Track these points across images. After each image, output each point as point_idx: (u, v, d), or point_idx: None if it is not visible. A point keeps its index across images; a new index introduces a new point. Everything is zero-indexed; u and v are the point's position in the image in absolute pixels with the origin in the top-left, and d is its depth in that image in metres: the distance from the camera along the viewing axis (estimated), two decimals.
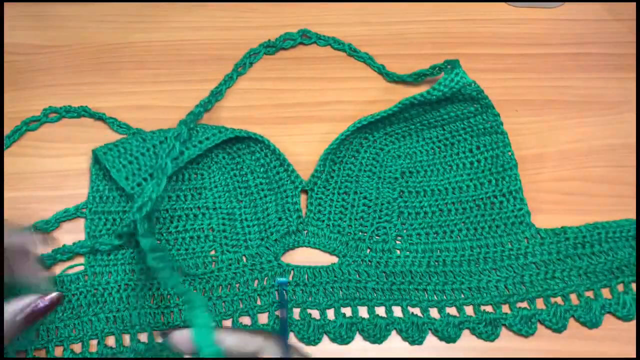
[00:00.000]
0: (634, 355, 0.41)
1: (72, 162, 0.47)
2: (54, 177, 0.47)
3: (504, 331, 0.41)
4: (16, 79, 0.51)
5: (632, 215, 0.46)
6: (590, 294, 0.42)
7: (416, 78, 0.51)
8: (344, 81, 0.52)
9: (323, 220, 0.45)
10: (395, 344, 0.41)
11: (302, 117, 0.50)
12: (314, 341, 0.41)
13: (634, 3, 0.56)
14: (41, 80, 0.51)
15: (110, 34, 0.55)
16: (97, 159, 0.45)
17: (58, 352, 0.40)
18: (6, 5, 0.55)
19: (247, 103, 0.51)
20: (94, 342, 0.41)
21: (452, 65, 0.47)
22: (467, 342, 0.41)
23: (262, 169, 0.46)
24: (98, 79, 0.52)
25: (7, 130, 0.49)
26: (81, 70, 0.52)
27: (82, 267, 0.43)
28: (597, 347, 0.41)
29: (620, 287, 0.42)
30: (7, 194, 0.46)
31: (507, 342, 0.41)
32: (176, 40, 0.55)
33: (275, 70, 0.53)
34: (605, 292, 0.42)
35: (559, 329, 0.41)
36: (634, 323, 0.42)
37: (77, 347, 0.41)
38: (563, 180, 0.48)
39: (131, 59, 0.53)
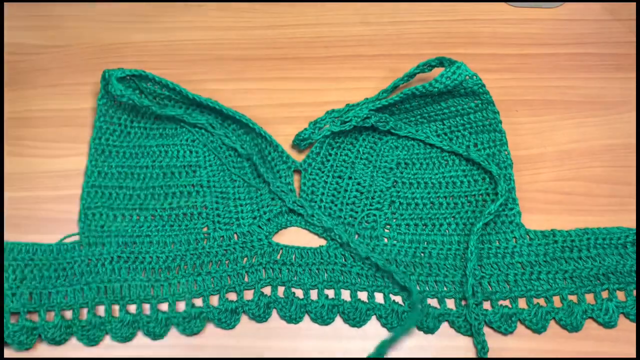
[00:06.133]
0: (634, 355, 0.41)
1: (72, 162, 0.48)
2: (54, 177, 0.47)
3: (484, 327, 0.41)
4: (16, 79, 0.52)
5: (632, 216, 0.46)
6: (573, 298, 0.42)
7: (408, 78, 0.50)
8: (344, 81, 0.53)
9: (315, 202, 0.45)
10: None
11: (302, 117, 0.50)
12: (295, 319, 0.42)
13: (634, 3, 0.56)
14: (41, 80, 0.52)
15: (110, 34, 0.55)
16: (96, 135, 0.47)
17: (49, 317, 0.41)
18: (6, 5, 0.55)
19: (247, 103, 0.51)
20: (84, 310, 0.42)
21: (443, 62, 0.47)
22: (445, 335, 0.41)
23: (256, 149, 0.47)
24: (98, 79, 0.52)
25: (7, 131, 0.49)
26: (81, 70, 0.52)
27: (77, 237, 0.44)
28: (597, 347, 0.41)
29: (604, 294, 0.42)
30: (7, 194, 0.46)
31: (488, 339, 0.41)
32: (176, 40, 0.55)
33: (275, 70, 0.53)
34: (589, 298, 0.42)
35: (538, 329, 0.41)
36: (634, 324, 0.42)
37: (67, 314, 0.41)
38: (563, 180, 0.48)
39: (131, 59, 0.53)
